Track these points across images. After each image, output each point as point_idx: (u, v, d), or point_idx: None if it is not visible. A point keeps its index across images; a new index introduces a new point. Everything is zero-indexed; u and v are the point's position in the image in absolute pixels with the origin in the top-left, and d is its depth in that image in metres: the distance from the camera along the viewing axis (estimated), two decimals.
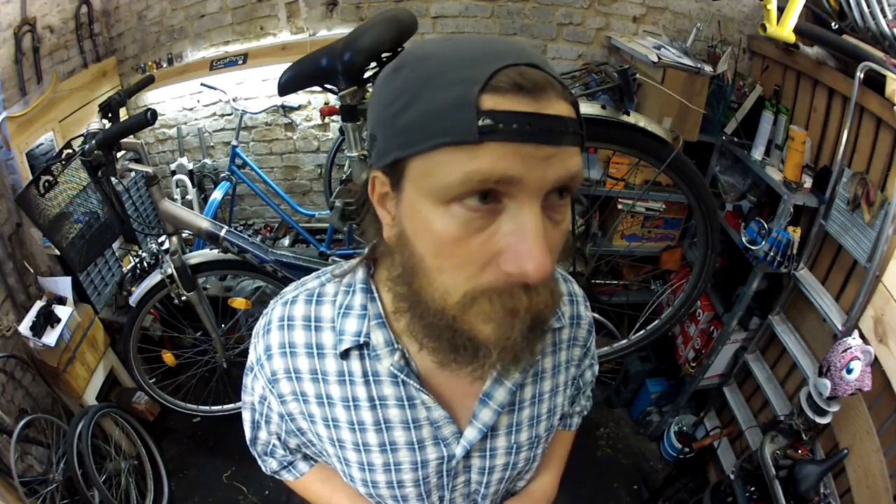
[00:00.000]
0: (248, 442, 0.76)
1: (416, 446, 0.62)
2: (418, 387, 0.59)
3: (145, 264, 2.22)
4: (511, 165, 0.40)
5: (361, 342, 0.58)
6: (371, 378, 0.59)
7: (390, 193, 0.49)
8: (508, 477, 0.69)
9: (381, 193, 0.50)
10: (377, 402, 0.60)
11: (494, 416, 0.62)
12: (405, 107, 0.43)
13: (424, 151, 0.42)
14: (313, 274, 0.66)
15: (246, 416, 0.72)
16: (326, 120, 2.51)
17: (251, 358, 0.65)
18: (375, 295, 0.59)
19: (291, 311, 0.61)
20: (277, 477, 0.80)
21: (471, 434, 0.62)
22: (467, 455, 0.64)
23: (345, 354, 0.59)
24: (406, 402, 0.60)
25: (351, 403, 0.60)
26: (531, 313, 0.46)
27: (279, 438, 0.71)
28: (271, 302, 0.65)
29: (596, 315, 1.98)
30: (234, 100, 2.34)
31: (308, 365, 0.60)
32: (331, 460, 0.67)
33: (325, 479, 0.76)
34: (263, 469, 0.80)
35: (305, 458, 0.77)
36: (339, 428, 0.62)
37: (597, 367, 0.82)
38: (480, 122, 0.40)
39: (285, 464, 0.77)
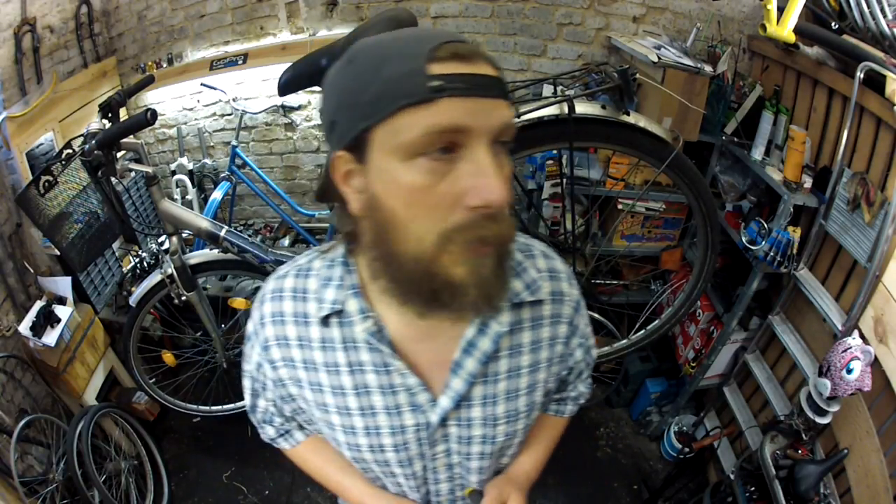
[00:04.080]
0: (247, 410, 0.82)
1: (394, 411, 0.67)
2: (390, 353, 0.63)
3: (145, 264, 2.22)
4: (462, 115, 0.49)
5: (337, 309, 0.63)
6: (349, 344, 0.65)
7: (355, 168, 0.55)
8: (490, 452, 0.72)
9: (344, 172, 0.56)
10: (355, 368, 0.65)
11: (466, 386, 0.66)
12: (366, 85, 0.50)
13: (389, 116, 0.49)
14: (304, 252, 0.73)
15: (246, 385, 0.78)
16: None
17: (248, 328, 0.72)
18: (353, 268, 0.65)
19: (282, 283, 0.68)
20: (275, 445, 0.85)
21: (444, 402, 0.66)
22: (444, 423, 0.68)
23: (325, 322, 0.65)
24: (382, 368, 0.65)
25: (333, 368, 0.66)
26: (499, 241, 0.53)
27: (275, 405, 0.77)
28: (267, 278, 0.72)
29: (596, 315, 1.99)
30: (234, 100, 2.34)
31: (295, 332, 0.66)
32: (319, 425, 0.73)
33: (317, 450, 0.82)
34: (263, 437, 0.85)
35: (301, 427, 0.83)
36: (324, 392, 0.68)
37: (594, 350, 0.82)
38: (432, 84, 0.48)
39: (282, 432, 0.83)
